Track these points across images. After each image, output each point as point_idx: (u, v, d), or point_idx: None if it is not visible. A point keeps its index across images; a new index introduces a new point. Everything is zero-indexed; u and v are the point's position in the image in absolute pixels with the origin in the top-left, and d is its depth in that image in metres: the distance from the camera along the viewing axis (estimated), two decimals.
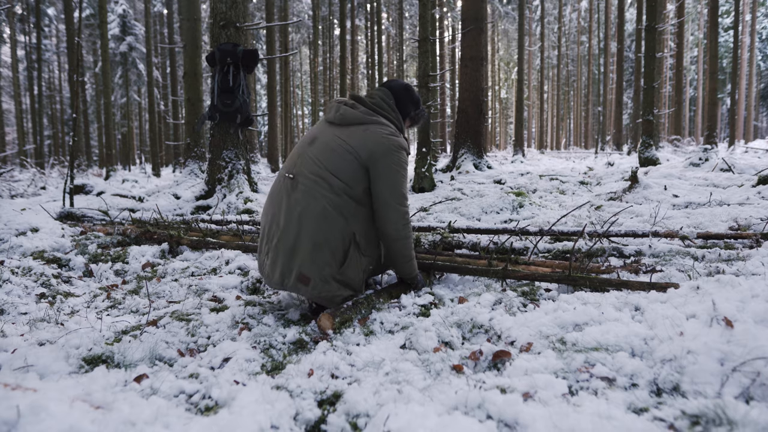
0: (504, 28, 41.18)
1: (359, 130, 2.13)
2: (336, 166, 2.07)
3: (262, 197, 6.43)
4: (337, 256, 2.06)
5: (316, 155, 2.11)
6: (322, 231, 2.02)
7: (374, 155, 2.08)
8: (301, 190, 2.07)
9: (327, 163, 2.08)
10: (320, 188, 2.05)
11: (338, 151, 2.09)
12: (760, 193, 4.96)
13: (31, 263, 3.09)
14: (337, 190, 2.05)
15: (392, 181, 2.10)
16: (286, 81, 21.67)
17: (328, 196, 2.04)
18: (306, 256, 2.03)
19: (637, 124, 16.30)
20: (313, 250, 2.02)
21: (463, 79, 10.85)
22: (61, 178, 13.39)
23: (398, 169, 2.12)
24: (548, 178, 8.22)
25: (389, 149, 2.10)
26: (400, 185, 2.14)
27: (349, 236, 2.08)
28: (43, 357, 1.66)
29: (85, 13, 26.81)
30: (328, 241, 2.03)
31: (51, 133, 29.14)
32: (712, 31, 14.28)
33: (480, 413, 1.26)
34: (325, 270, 2.04)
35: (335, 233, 2.04)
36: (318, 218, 2.02)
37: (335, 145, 2.11)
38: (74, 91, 7.11)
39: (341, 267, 2.08)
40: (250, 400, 1.33)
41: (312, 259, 2.02)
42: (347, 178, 2.07)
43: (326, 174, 2.06)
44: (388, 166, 2.09)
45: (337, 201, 2.04)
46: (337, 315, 2.00)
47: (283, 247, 2.06)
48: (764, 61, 41.45)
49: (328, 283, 2.06)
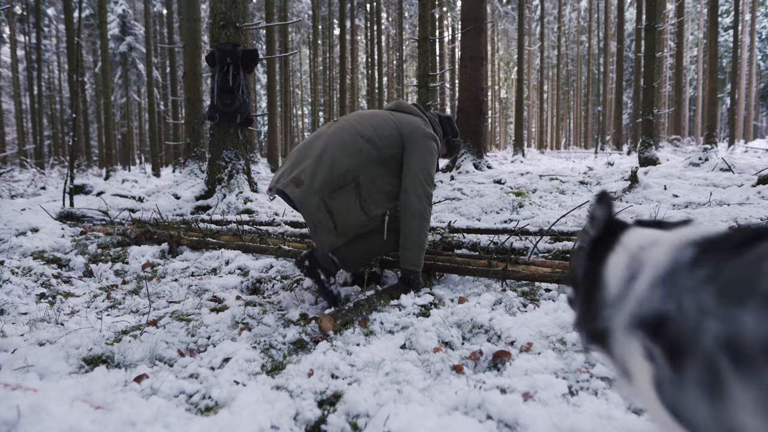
0: (504, 27, 41.18)
1: (407, 116, 2.42)
2: (376, 123, 2.32)
3: (262, 197, 6.43)
4: (336, 181, 2.20)
5: (363, 114, 2.41)
6: (336, 156, 2.20)
7: (414, 134, 2.32)
8: (337, 126, 2.33)
9: (370, 119, 2.34)
10: (353, 129, 2.28)
11: (383, 117, 2.37)
12: (760, 193, 4.96)
13: (31, 263, 3.08)
14: (367, 138, 2.26)
15: (425, 160, 2.30)
16: (286, 81, 21.67)
17: (356, 137, 2.25)
18: (309, 167, 2.20)
19: (637, 124, 16.31)
20: (319, 164, 2.20)
21: (463, 78, 10.85)
22: (61, 178, 13.39)
23: (431, 154, 2.33)
24: (548, 177, 8.22)
25: (427, 135, 2.34)
26: (431, 167, 2.32)
27: (354, 175, 2.23)
28: (43, 357, 1.66)
29: (84, 13, 26.80)
30: (336, 165, 2.19)
31: (51, 133, 29.13)
32: (711, 30, 14.29)
33: (480, 413, 1.26)
34: (319, 184, 2.18)
35: (345, 163, 2.20)
36: (340, 146, 2.22)
37: (383, 114, 2.41)
38: (74, 91, 7.11)
39: (333, 191, 2.20)
40: (250, 400, 1.33)
41: (313, 171, 2.19)
42: (381, 135, 2.28)
43: (365, 124, 2.31)
44: (423, 147, 2.30)
45: (361, 144, 2.24)
46: (338, 317, 2.00)
47: (297, 157, 2.27)
48: (764, 61, 41.46)
49: (315, 196, 2.17)
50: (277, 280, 2.84)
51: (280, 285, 2.75)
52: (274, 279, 2.85)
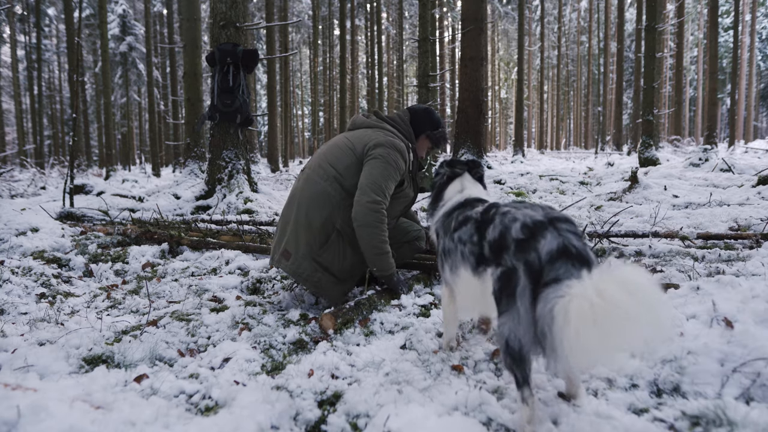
0: (504, 28, 41.18)
1: (360, 132, 2.38)
2: (334, 158, 2.30)
3: (262, 197, 6.43)
4: (318, 238, 2.22)
5: (323, 151, 2.39)
6: (309, 213, 2.23)
7: (367, 147, 2.28)
8: (304, 178, 2.33)
9: (328, 155, 2.33)
10: (317, 176, 2.28)
11: (339, 146, 2.35)
12: (760, 194, 4.96)
13: (31, 263, 3.08)
14: (330, 178, 2.26)
15: (374, 171, 2.23)
16: (286, 81, 21.67)
17: (320, 183, 2.26)
18: (292, 234, 2.24)
19: (637, 124, 16.31)
20: (298, 228, 2.23)
21: (463, 79, 10.84)
22: (61, 178, 13.39)
23: (384, 163, 2.24)
24: (548, 178, 8.22)
25: (381, 144, 2.28)
26: (380, 177, 2.22)
27: (332, 222, 2.24)
28: (44, 357, 1.66)
29: (85, 13, 26.80)
30: (312, 222, 2.22)
31: (51, 133, 29.12)
32: (711, 31, 14.29)
33: (480, 414, 1.26)
34: (305, 248, 2.21)
35: (319, 216, 2.22)
36: (309, 200, 2.24)
37: (340, 142, 2.37)
38: (74, 91, 7.11)
39: (321, 248, 2.22)
40: (251, 400, 1.33)
41: (296, 237, 2.23)
42: (341, 169, 2.27)
43: (325, 164, 2.30)
44: (375, 158, 2.25)
45: (327, 188, 2.25)
46: (339, 315, 2.01)
47: (281, 227, 2.32)
48: (764, 61, 41.45)
49: (305, 260, 2.21)
50: (277, 280, 2.84)
51: (280, 285, 2.75)
52: (274, 279, 2.85)
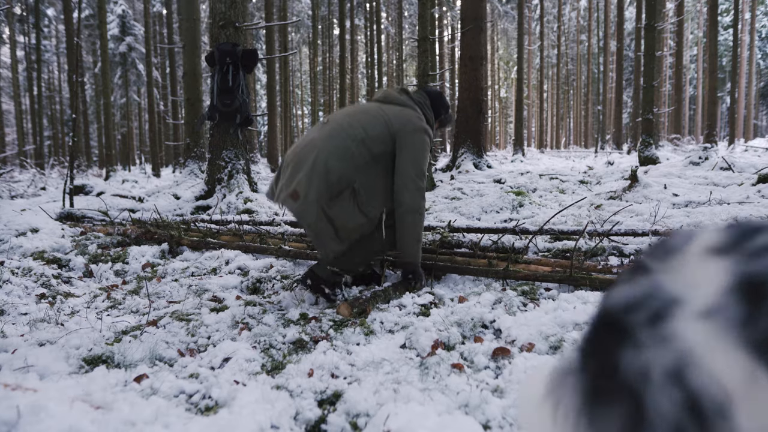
0: (503, 27, 41.17)
1: (397, 108, 2.38)
2: (366, 122, 2.30)
3: (262, 197, 6.43)
4: (332, 189, 2.20)
5: (352, 112, 2.38)
6: (328, 163, 2.19)
7: (405, 128, 2.30)
8: (328, 129, 2.30)
9: (360, 118, 2.32)
10: (345, 132, 2.26)
11: (373, 113, 2.34)
12: (760, 192, 4.96)
13: (31, 264, 3.08)
14: (358, 140, 2.24)
15: (416, 155, 2.29)
16: (286, 81, 21.67)
17: (347, 140, 2.24)
18: (305, 178, 2.20)
19: (637, 123, 16.31)
20: (313, 174, 2.19)
21: (463, 78, 10.85)
22: (61, 179, 13.38)
23: (422, 148, 2.32)
24: (548, 177, 8.22)
25: (418, 128, 2.32)
26: (422, 162, 2.31)
27: (350, 180, 2.22)
28: (43, 357, 1.66)
29: (84, 14, 26.81)
30: (331, 172, 2.19)
31: (51, 134, 29.12)
32: (711, 29, 14.28)
33: (480, 413, 1.26)
34: (315, 194, 2.18)
35: (339, 169, 2.20)
36: (331, 151, 2.21)
37: (372, 109, 2.36)
38: (74, 91, 7.11)
39: (331, 200, 2.20)
40: (251, 399, 1.33)
41: (309, 181, 2.19)
42: (372, 135, 2.27)
43: (356, 124, 2.28)
44: (414, 142, 2.29)
45: (352, 148, 2.22)
46: (355, 305, 2.11)
47: (292, 168, 2.26)
48: (764, 60, 41.44)
49: (313, 206, 2.18)
50: (277, 279, 2.84)
51: (280, 285, 2.75)
52: (274, 279, 2.85)
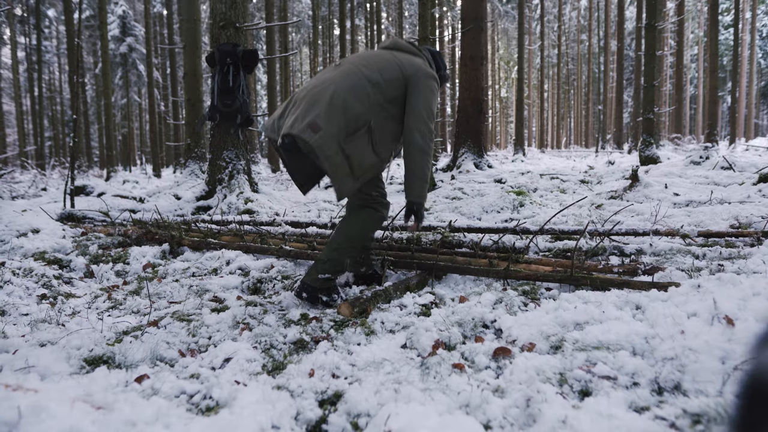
0: (504, 26, 41.15)
1: (408, 56, 2.45)
2: (381, 66, 2.35)
3: (262, 197, 6.43)
4: (350, 126, 2.24)
5: (366, 56, 2.43)
6: (347, 100, 2.23)
7: (417, 74, 2.36)
8: (342, 69, 2.35)
9: (375, 62, 2.37)
10: (360, 74, 2.30)
11: (386, 58, 2.40)
12: (761, 191, 4.95)
13: (32, 264, 3.09)
14: (374, 82, 2.29)
15: (427, 98, 2.35)
16: (286, 81, 21.68)
17: (363, 81, 2.28)
18: (322, 111, 2.21)
19: (638, 123, 16.28)
20: (332, 109, 2.21)
21: (463, 78, 10.84)
22: (62, 180, 13.40)
23: (433, 93, 2.39)
24: (549, 177, 8.22)
25: (429, 75, 2.39)
26: (432, 106, 2.38)
27: (366, 118, 2.27)
28: (44, 358, 1.66)
29: (85, 15, 26.84)
30: (348, 109, 2.23)
31: (51, 135, 29.14)
32: (712, 28, 14.26)
33: (481, 413, 1.26)
34: (335, 129, 2.20)
35: (356, 107, 2.24)
36: (348, 90, 2.25)
37: (386, 55, 2.42)
38: (74, 92, 7.11)
39: (348, 137, 2.23)
40: (251, 400, 1.33)
41: (328, 116, 2.21)
42: (387, 79, 2.32)
43: (373, 67, 2.34)
44: (426, 87, 2.35)
45: (368, 89, 2.27)
46: (356, 305, 2.10)
47: (307, 102, 2.26)
48: (765, 59, 41.38)
49: (332, 140, 2.19)
50: (278, 280, 2.84)
51: (281, 285, 2.75)
52: (275, 279, 2.85)
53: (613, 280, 2.20)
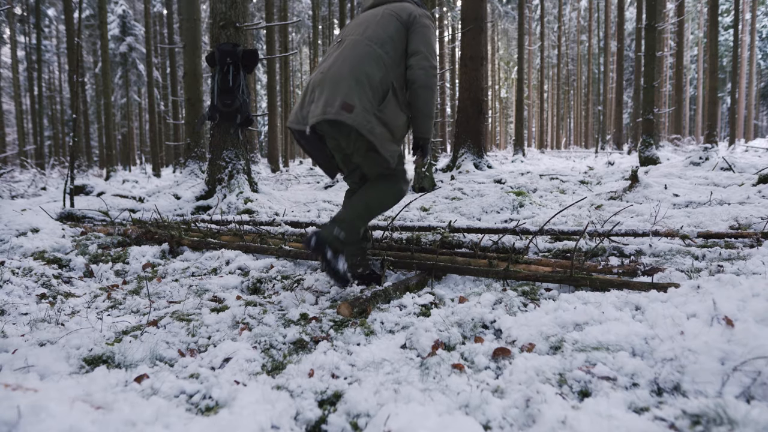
0: (504, 27, 41.17)
1: (396, 4, 2.50)
2: (380, 25, 2.39)
3: (262, 197, 6.43)
4: (377, 94, 2.28)
5: (363, 21, 2.46)
6: (364, 71, 2.26)
7: (412, 15, 2.41)
8: (347, 44, 2.38)
9: (372, 23, 2.41)
10: (365, 40, 2.35)
11: (381, 14, 2.43)
12: (761, 192, 4.95)
13: (31, 264, 3.08)
14: (380, 43, 2.33)
15: (426, 37, 2.39)
16: (286, 81, 21.68)
17: (371, 45, 2.32)
18: (349, 90, 2.24)
19: (638, 124, 16.30)
20: (356, 84, 2.25)
21: (463, 78, 10.85)
22: (62, 179, 13.39)
23: (429, 29, 2.44)
24: (548, 177, 8.22)
25: (424, 14, 2.45)
26: (432, 42, 2.43)
27: (388, 81, 2.31)
28: (44, 357, 1.66)
29: (84, 14, 26.83)
30: (370, 79, 2.27)
31: (51, 134, 29.12)
32: (712, 29, 14.28)
33: (480, 414, 1.26)
34: (367, 103, 2.24)
35: (375, 74, 2.27)
36: (362, 59, 2.29)
37: (379, 12, 2.45)
38: (74, 91, 7.11)
39: (379, 105, 2.28)
40: (251, 400, 1.33)
41: (358, 92, 2.24)
42: (391, 33, 2.36)
43: (372, 27, 2.38)
44: (424, 26, 2.40)
45: (378, 51, 2.31)
46: (356, 305, 2.10)
47: (329, 85, 2.28)
48: (764, 60, 41.40)
49: (369, 114, 2.24)
50: (278, 280, 2.84)
51: (281, 285, 2.75)
52: (275, 279, 2.85)
53: (613, 281, 2.20)
